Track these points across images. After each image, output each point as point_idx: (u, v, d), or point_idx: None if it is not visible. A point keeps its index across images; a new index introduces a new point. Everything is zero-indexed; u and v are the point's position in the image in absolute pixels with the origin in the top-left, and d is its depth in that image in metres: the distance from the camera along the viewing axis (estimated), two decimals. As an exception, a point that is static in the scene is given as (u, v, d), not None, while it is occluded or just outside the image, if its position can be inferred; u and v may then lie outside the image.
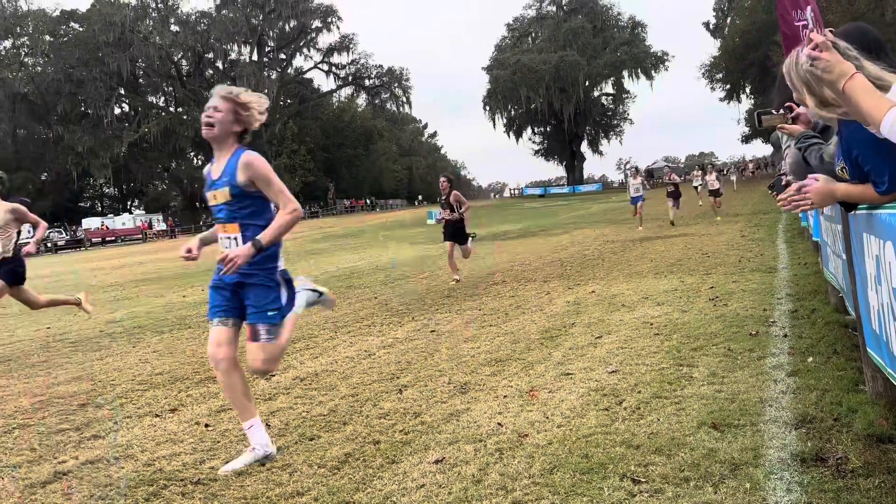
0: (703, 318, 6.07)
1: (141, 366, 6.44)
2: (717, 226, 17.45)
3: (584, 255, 13.42)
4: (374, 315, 8.32)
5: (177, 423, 4.39)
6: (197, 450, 3.83)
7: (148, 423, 4.47)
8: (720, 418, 3.45)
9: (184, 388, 5.39)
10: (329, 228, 40.02)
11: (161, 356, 6.86)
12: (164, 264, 23.18)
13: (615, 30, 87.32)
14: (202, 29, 75.45)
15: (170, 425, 4.36)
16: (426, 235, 26.46)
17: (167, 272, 19.48)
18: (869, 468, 2.70)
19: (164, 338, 8.04)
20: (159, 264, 23.48)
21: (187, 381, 5.59)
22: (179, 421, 4.45)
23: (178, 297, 12.67)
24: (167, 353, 7.03)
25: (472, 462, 3.24)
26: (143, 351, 7.27)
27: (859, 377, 3.75)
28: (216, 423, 4.32)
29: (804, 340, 4.86)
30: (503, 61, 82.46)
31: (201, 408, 4.74)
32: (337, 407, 4.45)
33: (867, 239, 2.78)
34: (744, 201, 28.33)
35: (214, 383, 5.43)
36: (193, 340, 7.65)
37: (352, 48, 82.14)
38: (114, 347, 7.65)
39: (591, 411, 3.83)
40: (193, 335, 8.02)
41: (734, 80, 67.39)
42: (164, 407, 4.84)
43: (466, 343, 6.13)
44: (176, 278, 17.09)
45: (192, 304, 11.30)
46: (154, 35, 72.07)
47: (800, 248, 10.63)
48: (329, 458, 3.49)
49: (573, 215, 31.47)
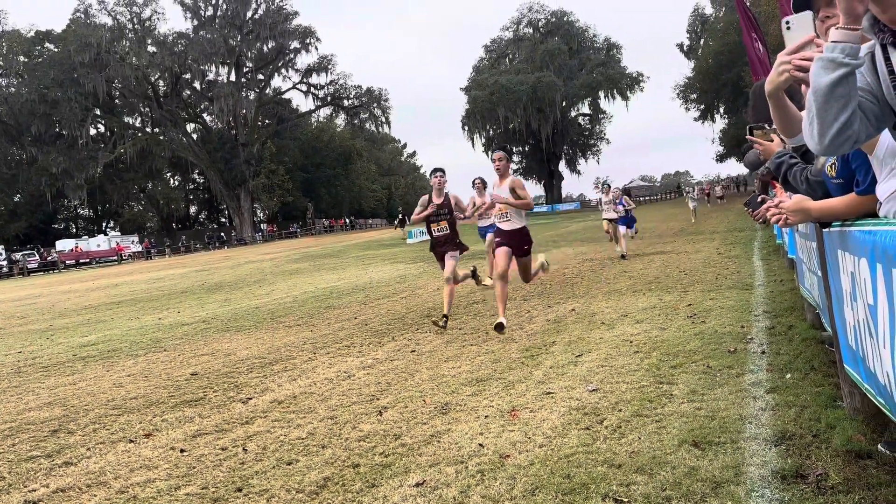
0: (682, 336, 6.10)
1: (115, 390, 6.31)
2: (693, 243, 17.61)
3: (563, 273, 13.46)
4: (353, 335, 8.26)
5: (151, 449, 4.30)
6: (172, 476, 3.75)
7: (122, 448, 4.37)
8: (701, 436, 3.45)
9: (159, 412, 5.28)
10: (307, 248, 39.80)
11: (136, 380, 6.73)
12: (140, 286, 22.87)
13: (591, 51, 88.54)
14: (179, 49, 75.15)
15: (144, 451, 4.27)
16: (405, 255, 26.42)
17: (142, 294, 19.20)
18: (848, 484, 2.71)
19: (139, 361, 7.90)
20: (134, 286, 23.16)
21: (162, 406, 5.48)
22: (154, 446, 4.35)
23: (153, 319, 12.49)
24: (142, 376, 6.90)
25: (454, 484, 3.20)
26: (117, 375, 7.13)
27: (837, 393, 3.78)
28: (192, 448, 4.23)
29: (782, 357, 4.90)
30: (481, 82, 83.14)
31: (177, 432, 4.64)
32: (315, 430, 4.38)
33: (842, 256, 2.81)
34: (719, 219, 28.68)
35: (190, 407, 5.34)
36: (169, 363, 7.52)
37: (330, 69, 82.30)
38: (87, 371, 7.50)
39: (572, 430, 3.81)
40: (169, 358, 7.89)
41: (708, 100, 68.62)
42: (138, 432, 4.74)
43: (447, 363, 6.09)
44: (151, 300, 16.85)
45: (168, 326, 11.14)
46: (130, 56, 71.65)
47: (775, 265, 10.76)
48: (308, 483, 3.43)
49: (552, 234, 31.63)
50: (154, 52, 74.20)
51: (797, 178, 3.11)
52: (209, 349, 8.27)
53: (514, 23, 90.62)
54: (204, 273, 26.84)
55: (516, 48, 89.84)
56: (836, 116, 1.75)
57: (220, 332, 9.76)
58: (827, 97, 1.74)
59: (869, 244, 2.15)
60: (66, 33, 70.35)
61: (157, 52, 74.00)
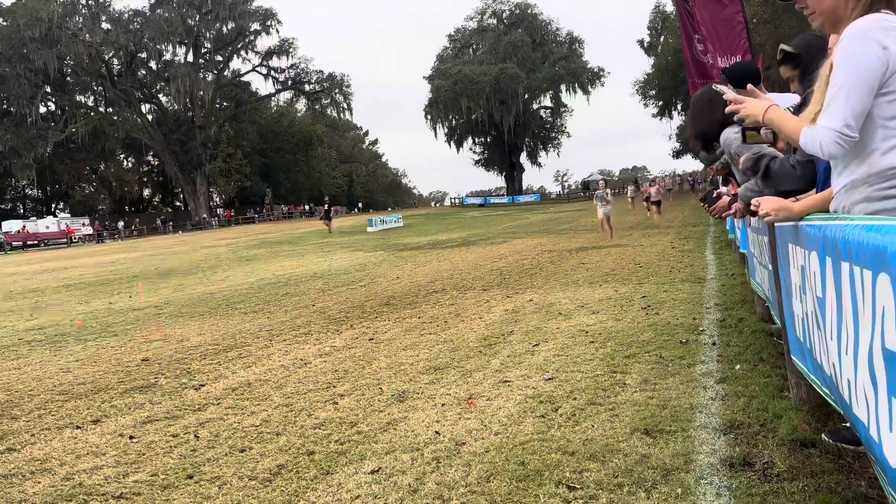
0: (636, 327, 6.20)
1: (62, 375, 6.13)
2: (649, 237, 17.93)
3: (522, 264, 13.55)
4: (311, 323, 8.18)
5: (99, 436, 4.19)
6: (120, 462, 3.66)
7: (68, 435, 4.25)
8: (652, 424, 3.52)
9: (108, 398, 5.15)
10: (265, 234, 39.25)
11: (84, 365, 6.55)
12: (90, 270, 22.26)
13: (554, 44, 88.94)
14: (135, 28, 72.90)
15: (92, 437, 4.16)
16: (366, 244, 26.28)
17: (93, 278, 18.70)
18: (793, 472, 2.79)
19: (88, 346, 7.69)
20: (84, 270, 22.53)
21: (112, 391, 5.35)
22: (102, 433, 4.25)
23: (103, 303, 12.17)
24: (91, 361, 6.72)
25: (409, 472, 3.20)
26: (64, 360, 6.93)
27: (784, 384, 3.88)
28: (141, 435, 4.14)
29: (732, 348, 5.02)
30: (445, 71, 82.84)
31: (126, 419, 4.54)
32: (270, 417, 4.33)
33: (793, 250, 2.88)
34: (674, 214, 29.22)
35: (140, 393, 5.22)
36: (119, 349, 7.34)
37: (291, 52, 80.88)
38: (32, 356, 7.27)
39: (527, 418, 3.84)
40: (119, 343, 7.70)
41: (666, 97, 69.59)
42: (85, 418, 4.61)
43: (405, 351, 6.08)
44: (102, 284, 16.41)
45: (119, 310, 10.87)
46: (84, 32, 69.21)
47: (727, 259, 11.02)
48: (261, 471, 3.39)
49: (512, 225, 31.81)
50: (108, 30, 71.86)
51: (784, 165, 3.15)
52: (161, 335, 8.10)
53: (479, 13, 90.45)
54: (157, 258, 26.26)
55: (480, 38, 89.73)
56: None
57: (173, 318, 9.56)
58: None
59: (820, 238, 2.20)
60: (16, 7, 67.60)
61: (112, 30, 71.69)
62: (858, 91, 1.99)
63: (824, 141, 2.04)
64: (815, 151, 2.10)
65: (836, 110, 2.02)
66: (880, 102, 1.99)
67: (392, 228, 38.53)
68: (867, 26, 1.99)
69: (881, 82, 1.98)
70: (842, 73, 2.02)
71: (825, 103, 2.08)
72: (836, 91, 2.03)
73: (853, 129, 2.00)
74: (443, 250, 20.07)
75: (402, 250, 21.23)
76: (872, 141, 2.02)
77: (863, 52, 1.97)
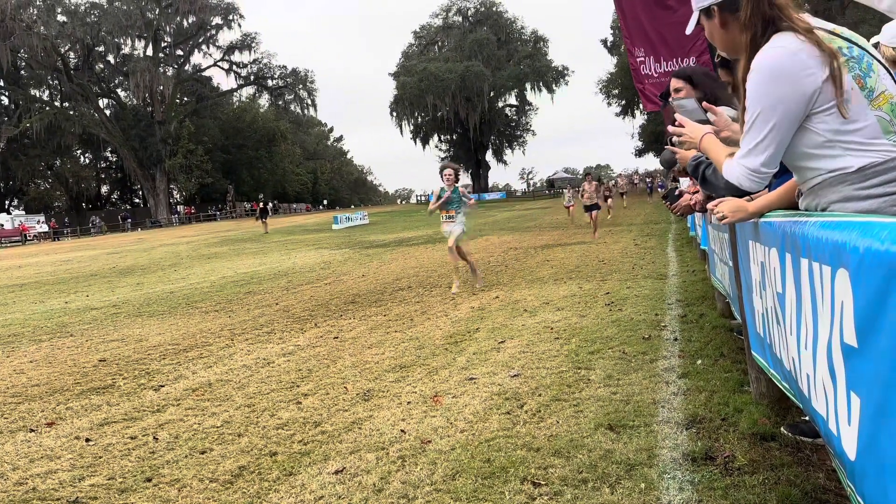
0: (600, 323, 6.26)
1: (15, 376, 5.94)
2: (612, 235, 18.13)
3: (488, 261, 13.58)
4: (274, 322, 8.07)
5: (54, 439, 4.06)
6: (76, 466, 3.56)
7: (21, 438, 4.12)
8: (616, 420, 3.54)
9: (63, 400, 5.01)
10: (227, 232, 38.67)
11: (38, 366, 6.36)
12: (46, 268, 21.66)
13: (519, 43, 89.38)
14: (92, 20, 71.15)
15: (46, 440, 4.03)
16: (330, 241, 26.07)
17: (49, 277, 18.20)
18: (754, 465, 2.84)
19: (43, 346, 7.47)
20: (39, 268, 21.92)
21: (67, 393, 5.20)
22: (57, 436, 4.12)
23: (59, 303, 11.85)
24: (45, 362, 6.53)
25: (374, 471, 3.17)
26: (18, 360, 6.72)
27: (744, 379, 3.95)
28: (98, 438, 4.03)
29: (693, 344, 5.09)
30: (410, 68, 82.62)
31: (82, 421, 4.41)
32: (231, 418, 4.25)
33: (753, 246, 2.92)
34: (636, 212, 29.62)
35: (97, 395, 5.09)
36: (75, 349, 7.14)
37: (254, 47, 79.82)
38: (-16, 357, 7.03)
39: (493, 415, 3.84)
40: (75, 343, 7.50)
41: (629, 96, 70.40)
42: (39, 421, 4.48)
43: (370, 349, 6.04)
44: (58, 283, 15.98)
45: (75, 310, 10.59)
46: (38, 24, 67.26)
47: (688, 256, 11.19)
48: (222, 472, 3.32)
49: (478, 222, 31.86)
50: (64, 22, 69.96)
51: (717, 174, 3.20)
52: (119, 335, 7.91)
53: (444, 10, 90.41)
54: (115, 255, 25.68)
55: (445, 36, 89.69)
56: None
57: (131, 318, 9.35)
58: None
59: (780, 235, 2.23)
60: (-34, -4, 65.46)
61: (68, 22, 69.82)
62: (777, 131, 2.02)
63: (741, 177, 2.15)
64: (735, 184, 2.19)
65: (753, 149, 2.08)
66: (822, 118, 1.97)
67: (358, 226, 38.33)
68: (777, 62, 1.98)
69: (807, 111, 1.98)
70: (758, 109, 2.03)
71: (743, 132, 2.13)
72: (753, 127, 2.06)
73: (771, 166, 2.09)
74: (409, 248, 20.02)
75: (368, 248, 21.12)
76: (833, 147, 1.98)
77: (777, 93, 1.97)
